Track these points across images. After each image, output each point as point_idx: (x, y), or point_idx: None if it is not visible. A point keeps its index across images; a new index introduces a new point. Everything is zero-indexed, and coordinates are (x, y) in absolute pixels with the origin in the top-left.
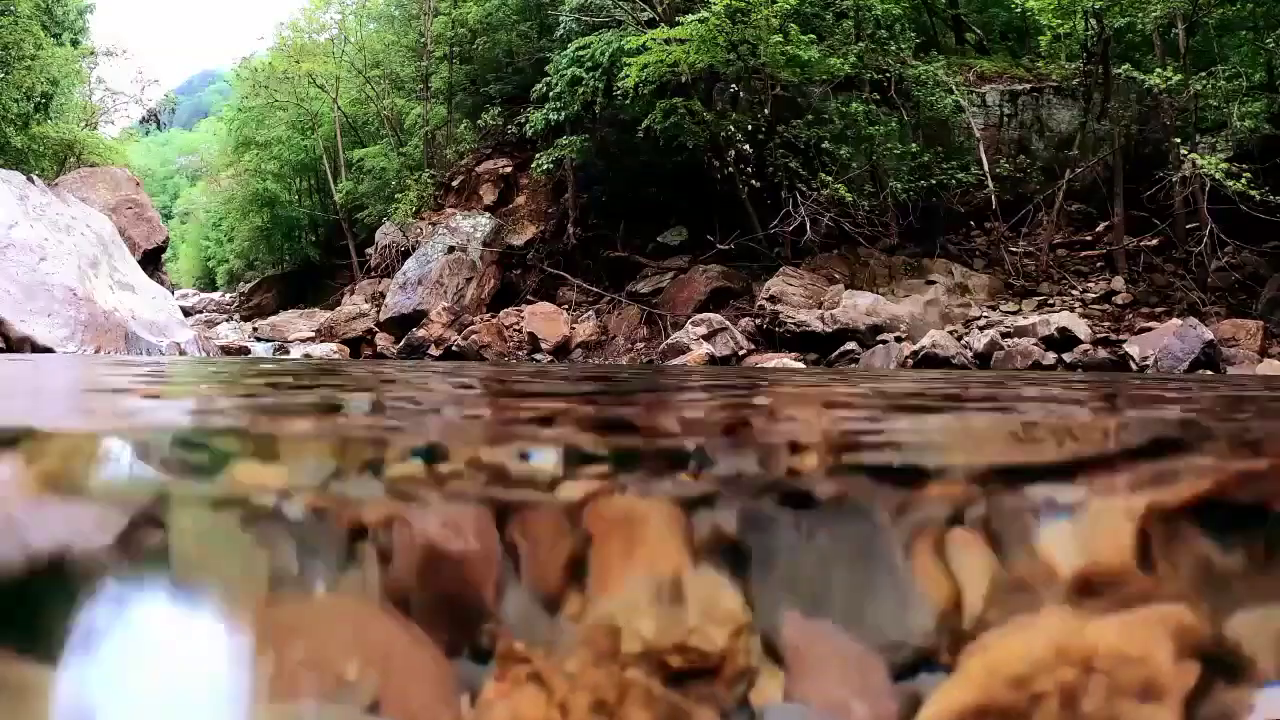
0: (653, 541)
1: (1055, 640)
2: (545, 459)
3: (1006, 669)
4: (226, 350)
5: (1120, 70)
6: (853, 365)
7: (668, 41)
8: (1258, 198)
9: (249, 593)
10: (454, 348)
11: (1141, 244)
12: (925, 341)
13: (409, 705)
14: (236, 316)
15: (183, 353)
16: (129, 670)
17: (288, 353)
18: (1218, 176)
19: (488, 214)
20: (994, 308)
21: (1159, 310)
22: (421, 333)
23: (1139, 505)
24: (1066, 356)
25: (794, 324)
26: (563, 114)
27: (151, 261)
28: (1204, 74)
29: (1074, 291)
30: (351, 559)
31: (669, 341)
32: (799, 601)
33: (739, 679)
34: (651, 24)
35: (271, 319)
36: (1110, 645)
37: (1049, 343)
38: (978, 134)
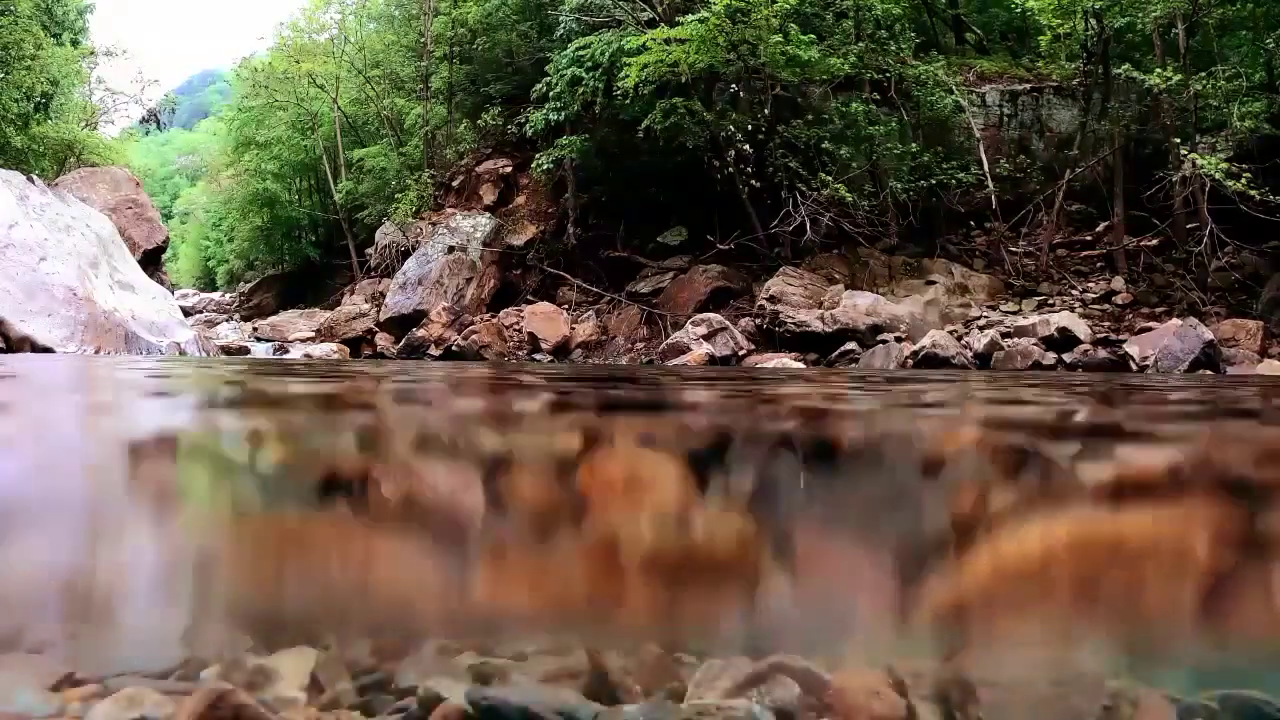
0: None
1: (1073, 530)
2: None
3: (1017, 556)
4: (226, 350)
5: (1120, 70)
6: (853, 365)
7: (668, 41)
8: (1258, 198)
9: None
10: (454, 348)
11: (1141, 244)
12: (925, 341)
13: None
14: (236, 316)
15: (182, 353)
16: None
17: (287, 352)
18: (1218, 176)
19: (488, 214)
20: (994, 308)
21: (1159, 310)
22: (421, 333)
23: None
24: (1066, 356)
25: (794, 324)
26: (563, 114)
27: (151, 261)
28: (1204, 74)
29: (1074, 291)
30: None
31: (669, 341)
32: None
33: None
34: (651, 24)
35: (271, 319)
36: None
37: (1049, 343)
38: (978, 134)
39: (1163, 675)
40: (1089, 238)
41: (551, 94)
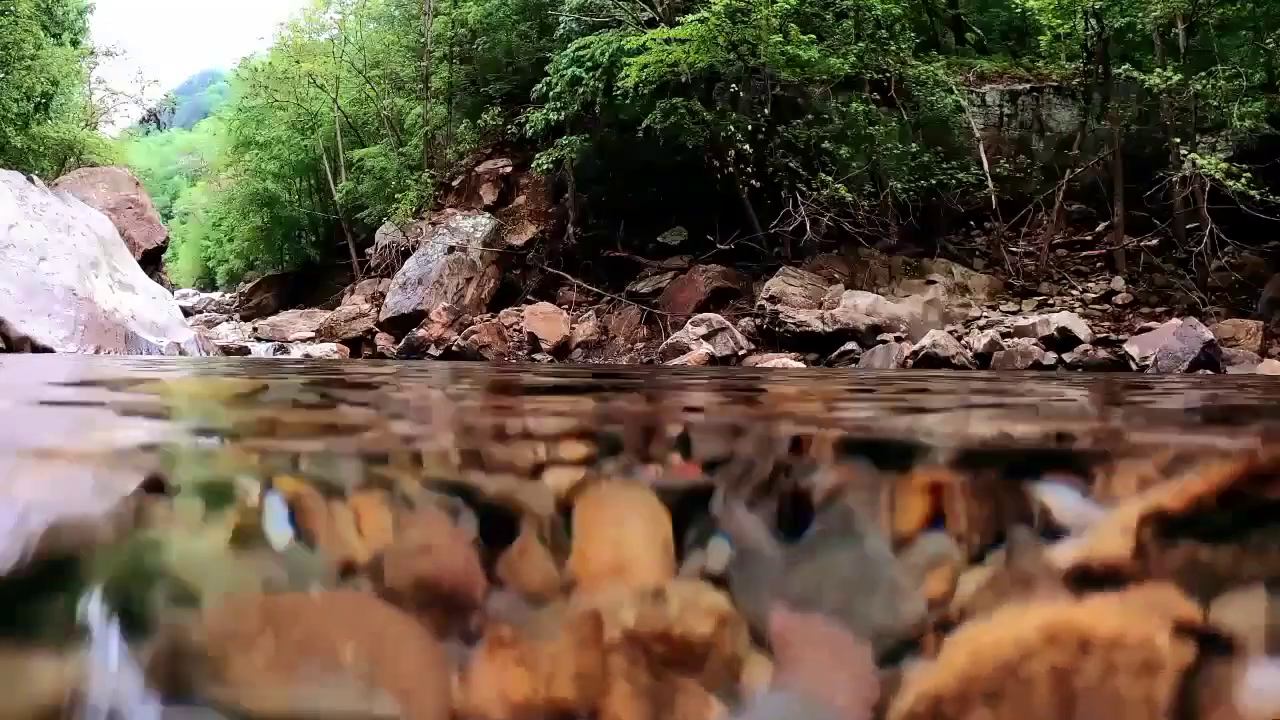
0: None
1: (1046, 623)
2: None
3: (993, 651)
4: (226, 350)
5: (1120, 70)
6: (852, 365)
7: (668, 41)
8: (1258, 198)
9: None
10: (454, 348)
11: (1141, 244)
12: (925, 341)
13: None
14: (236, 316)
15: (183, 353)
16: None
17: (288, 353)
18: (1218, 176)
19: (488, 214)
20: (994, 308)
21: (1159, 310)
22: (421, 333)
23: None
24: (1066, 356)
25: (794, 324)
26: (563, 114)
27: (151, 261)
28: (1204, 74)
29: (1074, 291)
30: None
31: (669, 341)
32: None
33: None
34: (651, 24)
35: (271, 319)
36: (1106, 627)
37: (1049, 343)
38: (978, 134)
39: None
40: (1089, 238)
41: (551, 94)
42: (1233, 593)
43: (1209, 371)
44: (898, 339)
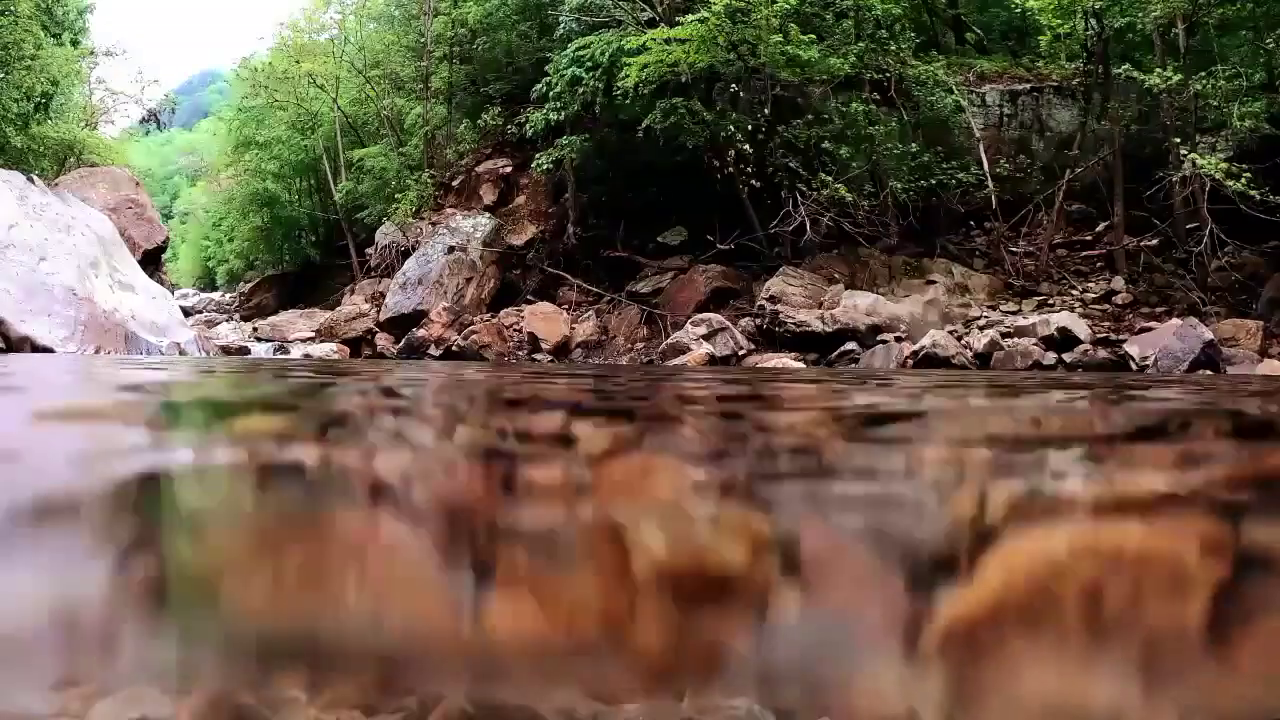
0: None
1: (1077, 542)
2: None
3: (1025, 570)
4: (226, 350)
5: (1120, 70)
6: (853, 365)
7: (668, 41)
8: (1258, 198)
9: None
10: (454, 348)
11: (1141, 244)
12: (925, 341)
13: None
14: (236, 316)
15: (183, 353)
16: None
17: (288, 353)
18: (1218, 176)
19: (488, 214)
20: (994, 308)
21: (1159, 310)
22: (421, 333)
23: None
24: (1066, 356)
25: (794, 324)
26: (563, 114)
27: (151, 261)
28: (1204, 74)
29: (1074, 291)
30: None
31: (669, 341)
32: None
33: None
34: (651, 24)
35: (271, 319)
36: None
37: (1049, 343)
38: (978, 134)
39: None
40: (1089, 238)
41: (551, 94)
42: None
43: (1209, 371)
44: (898, 339)
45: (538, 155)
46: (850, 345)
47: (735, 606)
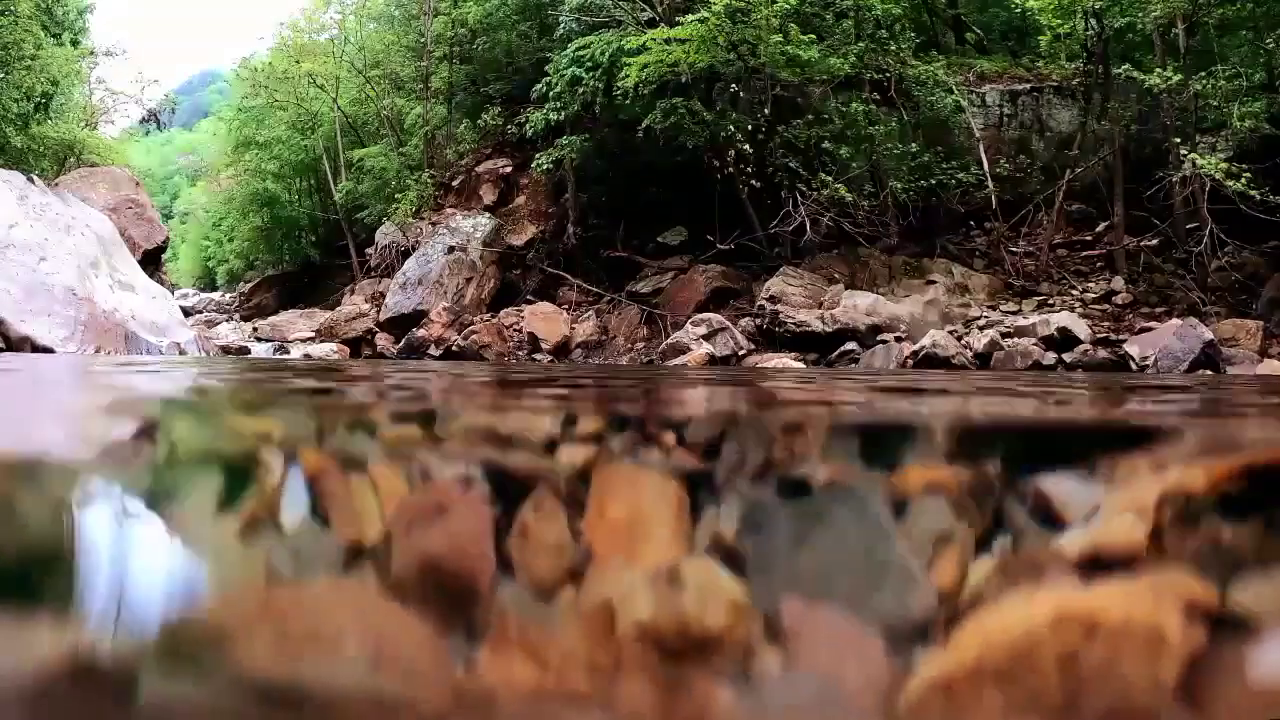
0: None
1: (1055, 608)
2: None
3: (1003, 635)
4: (226, 350)
5: (1120, 70)
6: (853, 365)
7: (668, 41)
8: (1258, 198)
9: None
10: (454, 348)
11: (1141, 244)
12: (925, 341)
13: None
14: (236, 316)
15: (183, 353)
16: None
17: (288, 353)
18: (1218, 176)
19: (488, 214)
20: (994, 308)
21: (1159, 310)
22: (421, 333)
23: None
24: (1066, 356)
25: (794, 324)
26: (563, 114)
27: (151, 261)
28: (1204, 74)
29: (1074, 291)
30: None
31: (669, 341)
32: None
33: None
34: (651, 24)
35: (271, 319)
36: (1115, 612)
37: (1049, 343)
38: (978, 134)
39: None
40: (1089, 238)
41: (551, 94)
42: (1244, 574)
43: (1209, 371)
44: (898, 339)
45: (538, 155)
46: (850, 345)
47: None
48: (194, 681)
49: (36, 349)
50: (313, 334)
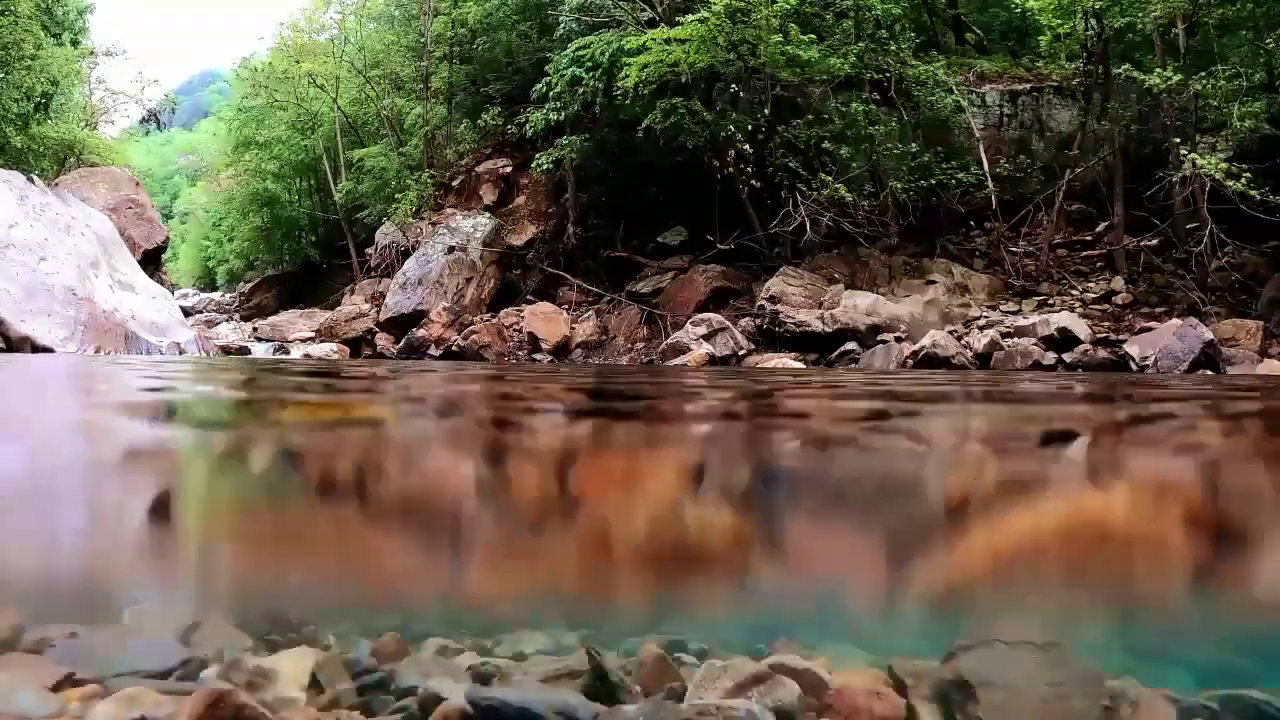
0: None
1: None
2: None
3: (1009, 538)
4: (226, 350)
5: (1120, 70)
6: (853, 365)
7: (668, 41)
8: (1258, 198)
9: None
10: (454, 348)
11: (1141, 244)
12: (925, 341)
13: None
14: (236, 316)
15: (182, 352)
16: None
17: (288, 353)
18: (1218, 176)
19: (488, 214)
20: (994, 308)
21: (1159, 310)
22: (421, 333)
23: None
24: (1066, 356)
25: (794, 324)
26: (563, 114)
27: (151, 261)
28: (1204, 74)
29: (1074, 291)
30: None
31: (669, 341)
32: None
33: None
34: (651, 24)
35: (271, 319)
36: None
37: (1049, 343)
38: (978, 134)
39: (1164, 675)
40: (1089, 238)
41: (551, 94)
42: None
43: (1209, 371)
44: (898, 339)
45: (538, 155)
46: (850, 345)
47: None
48: None
49: (36, 349)
50: (313, 334)
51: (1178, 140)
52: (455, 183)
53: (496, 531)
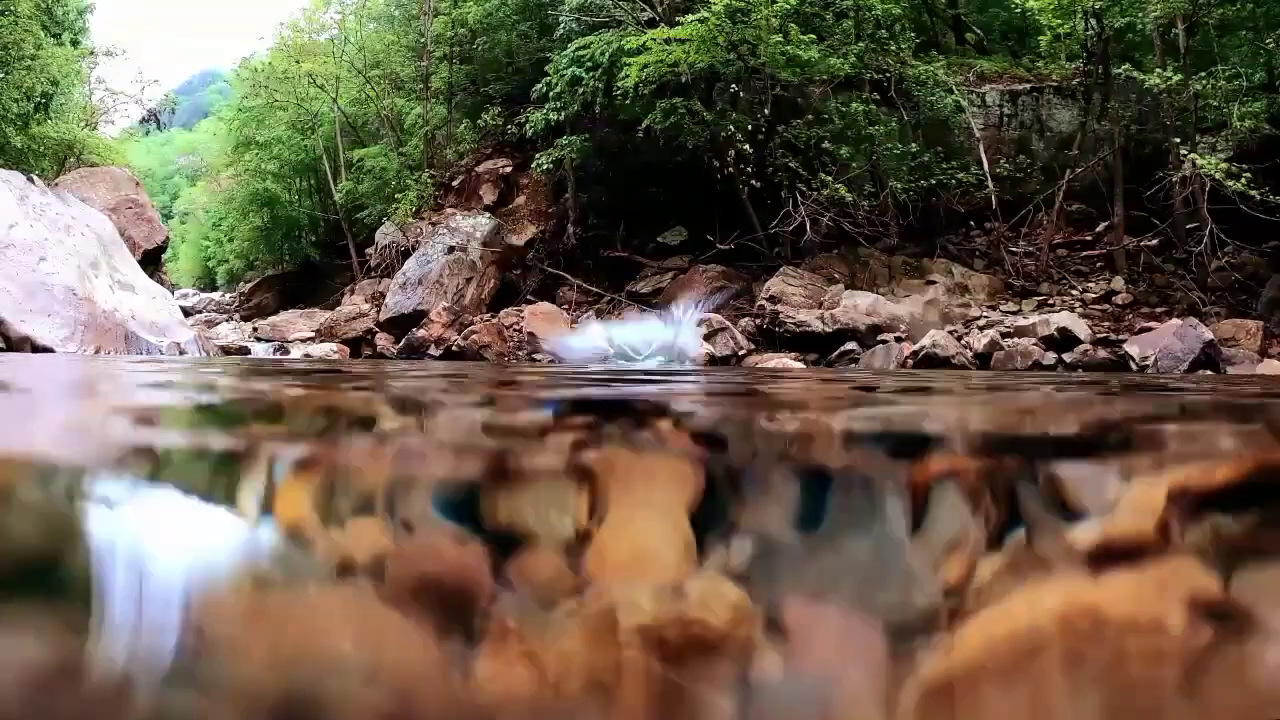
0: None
1: (1060, 602)
2: None
3: (1006, 630)
4: (226, 350)
5: (1120, 70)
6: (853, 365)
7: (668, 41)
8: (1258, 198)
9: None
10: (454, 348)
11: (1141, 244)
12: (925, 341)
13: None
14: (236, 316)
15: (183, 353)
16: None
17: (288, 353)
18: (1218, 176)
19: (488, 214)
20: (994, 308)
21: (1159, 310)
22: (421, 333)
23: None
24: (1066, 356)
25: (794, 324)
26: (563, 114)
27: (151, 261)
28: (1204, 74)
29: (1074, 291)
30: None
31: None
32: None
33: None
34: (651, 24)
35: (271, 319)
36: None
37: (1049, 343)
38: (978, 134)
39: None
40: (1089, 238)
41: (551, 94)
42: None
43: (1209, 372)
44: (898, 339)
45: (538, 155)
46: (850, 345)
47: None
48: None
49: (36, 349)
50: (313, 334)
51: (1178, 140)
52: (455, 183)
53: None
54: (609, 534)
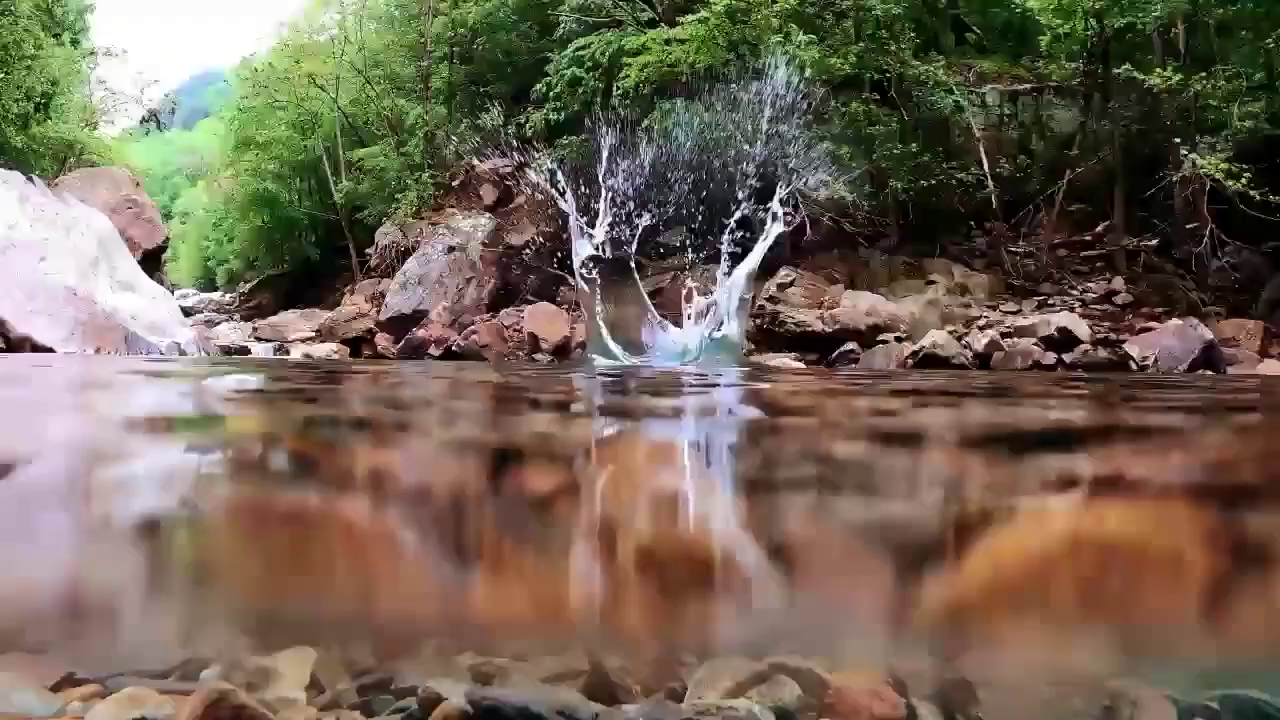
0: None
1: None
2: None
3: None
4: (226, 350)
5: (1120, 70)
6: (853, 365)
7: (668, 41)
8: (1258, 198)
9: None
10: (454, 348)
11: (1141, 244)
12: (925, 342)
13: None
14: (236, 316)
15: (182, 353)
16: None
17: (288, 353)
18: (1218, 176)
19: (488, 214)
20: (994, 308)
21: (1159, 310)
22: (421, 333)
23: None
24: (1067, 357)
25: (794, 324)
26: (563, 114)
27: (151, 261)
28: (1204, 74)
29: (1074, 291)
30: None
31: None
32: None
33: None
34: (651, 24)
35: (271, 319)
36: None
37: (1049, 343)
38: (978, 134)
39: (1163, 675)
40: (1089, 238)
41: (551, 94)
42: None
43: (1209, 371)
44: (898, 339)
45: (538, 155)
46: (850, 345)
47: None
48: None
49: (36, 348)
50: (313, 334)
51: (1178, 140)
52: (455, 183)
53: None
54: None
